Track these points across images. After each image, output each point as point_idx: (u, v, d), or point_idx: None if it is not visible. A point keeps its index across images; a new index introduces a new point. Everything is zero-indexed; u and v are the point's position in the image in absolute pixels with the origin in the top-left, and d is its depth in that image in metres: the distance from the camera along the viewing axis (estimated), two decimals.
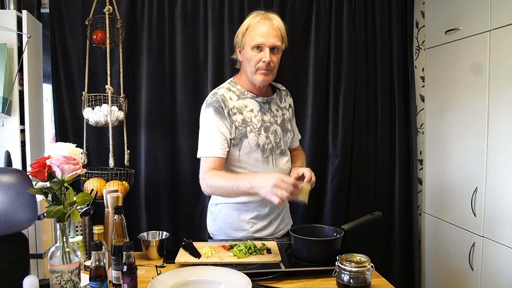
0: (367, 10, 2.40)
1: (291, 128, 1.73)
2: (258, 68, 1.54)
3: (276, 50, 1.54)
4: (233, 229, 1.66)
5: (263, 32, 1.52)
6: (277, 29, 1.54)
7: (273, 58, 1.53)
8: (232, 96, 1.60)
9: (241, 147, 1.57)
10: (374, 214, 1.58)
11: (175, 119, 2.30)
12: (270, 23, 1.53)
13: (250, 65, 1.56)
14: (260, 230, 1.66)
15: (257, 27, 1.53)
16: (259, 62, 1.53)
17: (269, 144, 1.61)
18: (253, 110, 1.61)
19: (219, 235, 1.70)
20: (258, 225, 1.66)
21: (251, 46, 1.53)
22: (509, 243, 1.84)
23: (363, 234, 2.40)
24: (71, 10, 2.19)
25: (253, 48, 1.53)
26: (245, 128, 1.57)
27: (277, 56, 1.56)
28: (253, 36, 1.53)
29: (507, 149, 1.86)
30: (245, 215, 1.64)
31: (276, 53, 1.55)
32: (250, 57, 1.54)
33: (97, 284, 1.09)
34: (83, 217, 1.54)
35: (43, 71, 2.26)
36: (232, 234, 1.66)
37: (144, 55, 2.24)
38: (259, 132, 1.59)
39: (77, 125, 2.22)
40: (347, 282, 1.22)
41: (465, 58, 2.12)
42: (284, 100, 1.74)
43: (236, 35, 1.63)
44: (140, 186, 2.27)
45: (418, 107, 2.54)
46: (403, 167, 2.48)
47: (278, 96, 1.72)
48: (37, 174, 1.09)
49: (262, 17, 1.55)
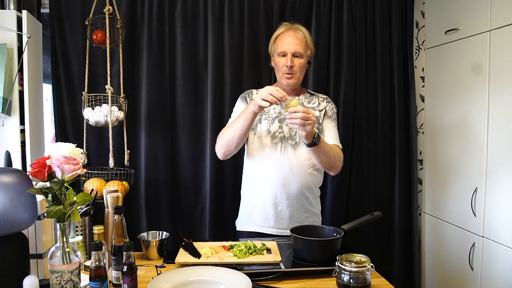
0: (367, 10, 2.40)
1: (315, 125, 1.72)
2: (283, 72, 1.74)
3: (298, 56, 1.72)
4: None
5: (287, 41, 1.73)
6: (300, 38, 1.73)
7: (295, 62, 1.72)
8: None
9: (256, 131, 1.76)
10: (374, 214, 1.58)
11: (175, 119, 2.30)
12: (294, 33, 1.74)
13: (277, 70, 1.79)
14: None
15: (282, 37, 1.75)
16: (283, 67, 1.73)
17: (280, 133, 1.75)
18: None
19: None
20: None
21: (277, 53, 1.75)
22: (509, 243, 1.84)
23: (363, 234, 2.40)
24: (71, 10, 2.19)
25: (279, 55, 1.75)
26: (260, 116, 1.77)
27: (300, 61, 1.73)
28: (278, 45, 1.76)
29: (507, 149, 1.86)
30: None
31: (299, 58, 1.73)
32: (277, 63, 1.76)
33: (97, 284, 1.09)
34: (83, 217, 1.54)
35: (43, 71, 2.26)
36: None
37: (144, 55, 2.24)
38: (272, 121, 1.76)
39: (77, 125, 2.22)
40: (347, 282, 1.22)
41: (465, 58, 2.12)
42: (316, 102, 1.82)
43: (269, 46, 1.83)
44: (140, 186, 2.27)
45: (418, 107, 2.54)
46: (403, 167, 2.48)
47: (307, 98, 1.83)
48: (37, 174, 1.09)
49: (287, 28, 1.76)
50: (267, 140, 1.74)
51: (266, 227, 1.75)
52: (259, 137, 1.75)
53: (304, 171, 1.74)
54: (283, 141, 1.74)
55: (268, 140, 1.74)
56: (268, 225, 1.75)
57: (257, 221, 1.77)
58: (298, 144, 1.73)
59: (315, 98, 1.84)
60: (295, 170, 1.72)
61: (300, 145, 1.73)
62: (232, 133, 1.65)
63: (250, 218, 1.79)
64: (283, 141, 1.74)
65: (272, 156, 1.73)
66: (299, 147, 1.73)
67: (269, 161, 1.73)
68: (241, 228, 1.84)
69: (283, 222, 1.74)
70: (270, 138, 1.74)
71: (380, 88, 2.45)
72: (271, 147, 1.74)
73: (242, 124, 1.62)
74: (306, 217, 1.77)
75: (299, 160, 1.73)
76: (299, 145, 1.73)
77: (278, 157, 1.72)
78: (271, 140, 1.74)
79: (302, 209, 1.76)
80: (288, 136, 1.74)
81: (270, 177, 1.73)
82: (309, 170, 1.74)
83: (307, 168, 1.74)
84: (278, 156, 1.73)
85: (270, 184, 1.73)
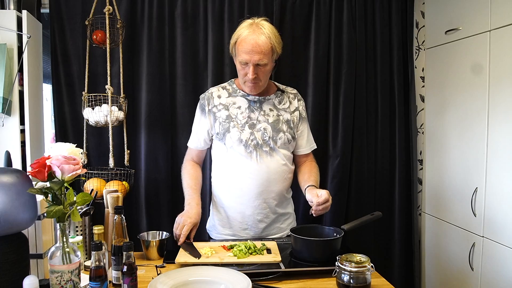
0: (367, 10, 2.40)
1: (287, 129, 1.69)
2: (245, 81, 1.62)
3: (262, 65, 1.57)
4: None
5: (248, 49, 1.54)
6: (263, 45, 1.53)
7: (259, 72, 1.58)
8: (223, 93, 1.72)
9: (225, 141, 1.66)
10: (374, 214, 1.58)
11: (175, 119, 2.30)
12: (256, 39, 1.53)
13: (239, 76, 1.66)
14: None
15: (244, 43, 1.55)
16: (245, 76, 1.60)
17: (253, 141, 1.64)
18: (241, 107, 1.68)
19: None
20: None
21: (239, 60, 1.59)
22: (509, 243, 1.84)
23: (363, 234, 2.40)
24: (71, 10, 2.19)
25: (240, 62, 1.59)
26: (228, 124, 1.65)
27: (264, 70, 1.58)
28: (239, 51, 1.58)
29: (507, 149, 1.86)
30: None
31: (262, 67, 1.57)
32: (238, 70, 1.63)
33: (97, 284, 1.09)
34: (83, 217, 1.54)
35: (43, 71, 2.26)
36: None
37: (144, 55, 2.24)
38: (242, 128, 1.64)
39: (77, 125, 2.22)
40: (347, 282, 1.22)
41: (465, 58, 2.12)
42: (286, 102, 1.74)
43: (232, 38, 1.65)
44: (140, 186, 2.27)
45: (418, 107, 2.54)
46: (403, 167, 2.48)
47: (278, 97, 1.73)
48: (37, 174, 1.09)
49: (250, 32, 1.55)
50: (239, 149, 1.63)
51: (245, 236, 1.70)
52: (230, 147, 1.64)
53: (282, 177, 1.68)
54: (257, 149, 1.63)
55: (241, 149, 1.63)
56: (247, 235, 1.70)
57: (234, 231, 1.71)
58: (273, 149, 1.66)
59: (285, 97, 1.73)
60: (273, 177, 1.65)
61: (275, 151, 1.66)
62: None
63: (227, 228, 1.73)
64: (257, 148, 1.63)
65: (248, 166, 1.63)
66: (275, 152, 1.66)
67: (245, 172, 1.63)
68: (216, 237, 1.76)
69: (263, 230, 1.70)
70: (243, 147, 1.63)
71: (380, 88, 2.45)
72: (246, 157, 1.63)
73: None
74: (284, 219, 1.74)
75: (276, 167, 1.65)
76: (274, 150, 1.66)
77: (254, 167, 1.63)
78: (244, 150, 1.63)
79: (282, 212, 1.73)
80: (262, 143, 1.64)
81: (247, 188, 1.64)
82: (286, 175, 1.70)
83: (284, 173, 1.69)
84: (254, 165, 1.63)
85: (248, 196, 1.65)
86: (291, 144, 1.72)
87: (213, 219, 1.80)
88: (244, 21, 1.62)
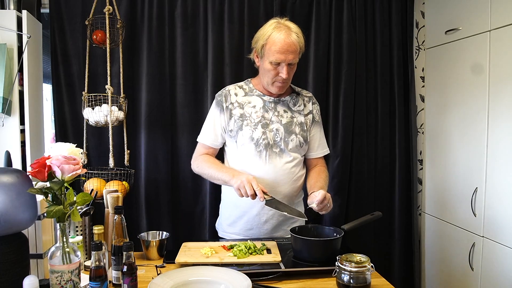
0: (367, 10, 2.40)
1: (300, 132, 1.69)
2: (275, 81, 1.61)
3: (293, 64, 1.60)
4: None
5: (282, 49, 1.54)
6: (295, 44, 1.56)
7: (290, 72, 1.60)
8: (240, 92, 1.73)
9: (237, 139, 1.67)
10: (374, 214, 1.58)
11: (175, 119, 2.30)
12: (288, 39, 1.55)
13: (267, 76, 1.62)
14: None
15: (278, 43, 1.55)
16: (277, 76, 1.59)
17: (264, 140, 1.64)
18: (256, 106, 1.69)
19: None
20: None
21: (270, 61, 1.57)
22: (509, 243, 1.84)
23: (363, 234, 2.40)
24: (71, 10, 2.19)
25: (271, 63, 1.57)
26: (242, 122, 1.67)
27: (293, 69, 1.62)
28: (273, 51, 1.56)
29: (507, 149, 1.86)
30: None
31: (293, 66, 1.61)
32: (268, 70, 1.60)
33: (97, 284, 1.09)
34: (83, 217, 1.54)
35: (43, 71, 2.26)
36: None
37: (144, 55, 2.24)
38: (255, 127, 1.65)
39: (77, 125, 2.22)
40: (347, 282, 1.22)
41: (465, 58, 2.12)
42: (301, 105, 1.74)
43: (255, 39, 1.65)
44: (140, 186, 2.27)
45: (418, 107, 2.54)
46: (403, 167, 2.48)
47: (293, 99, 1.74)
48: (37, 174, 1.09)
49: (281, 32, 1.56)
50: (250, 147, 1.64)
51: (249, 236, 1.69)
52: (242, 145, 1.65)
53: (291, 179, 1.67)
54: (267, 149, 1.64)
55: (252, 147, 1.64)
56: (251, 235, 1.69)
57: (239, 230, 1.73)
58: (283, 151, 1.66)
59: (300, 99, 1.75)
60: (281, 179, 1.65)
61: (285, 153, 1.66)
62: (207, 176, 1.67)
63: (232, 227, 1.74)
64: (268, 148, 1.64)
65: (256, 165, 1.64)
66: (284, 154, 1.66)
67: (252, 171, 1.63)
68: (222, 234, 1.80)
69: (267, 232, 1.70)
70: (253, 145, 1.64)
71: (380, 88, 2.45)
72: (255, 156, 1.64)
73: (215, 180, 1.64)
74: (292, 222, 1.70)
75: (284, 169, 1.65)
76: (284, 152, 1.66)
77: (262, 167, 1.64)
78: (254, 148, 1.64)
79: (289, 216, 1.64)
80: (273, 143, 1.65)
81: None
82: (295, 176, 1.69)
83: (293, 175, 1.68)
84: (262, 165, 1.64)
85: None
86: (302, 148, 1.72)
87: (220, 217, 1.82)
88: (272, 20, 1.62)
